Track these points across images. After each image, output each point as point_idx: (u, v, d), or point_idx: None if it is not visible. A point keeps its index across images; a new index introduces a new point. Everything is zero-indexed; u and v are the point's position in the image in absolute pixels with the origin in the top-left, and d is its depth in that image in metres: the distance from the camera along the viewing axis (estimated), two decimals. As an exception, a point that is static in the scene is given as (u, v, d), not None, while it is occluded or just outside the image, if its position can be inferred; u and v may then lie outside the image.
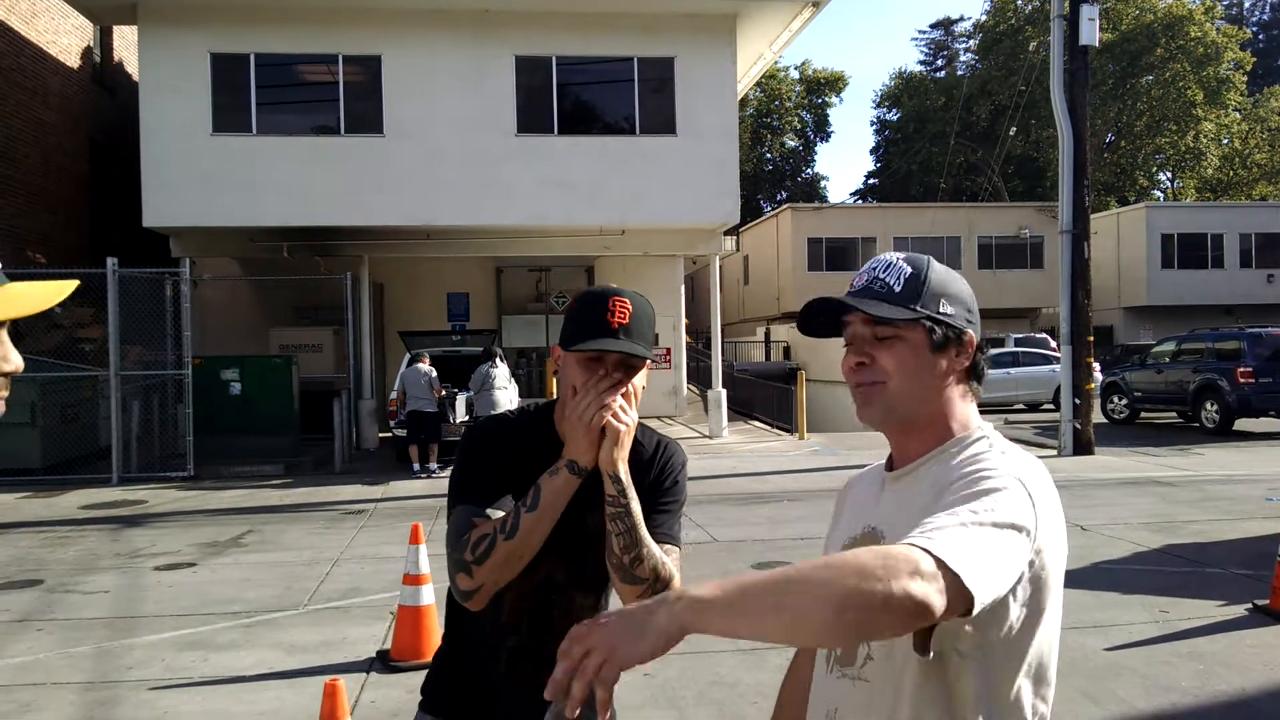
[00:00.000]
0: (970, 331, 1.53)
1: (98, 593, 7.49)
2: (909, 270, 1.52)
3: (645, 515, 1.84)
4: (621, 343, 1.78)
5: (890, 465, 1.61)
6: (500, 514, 1.81)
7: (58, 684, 5.40)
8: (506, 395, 13.63)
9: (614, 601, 2.04)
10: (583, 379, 1.80)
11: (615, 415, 1.78)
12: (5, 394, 1.23)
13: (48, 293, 1.20)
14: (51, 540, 9.61)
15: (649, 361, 1.85)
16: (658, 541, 1.86)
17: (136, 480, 13.52)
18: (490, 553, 1.74)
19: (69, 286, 1.22)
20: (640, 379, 1.85)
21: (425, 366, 13.81)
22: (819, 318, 1.59)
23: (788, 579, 1.19)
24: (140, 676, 5.50)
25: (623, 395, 1.80)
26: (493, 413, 13.32)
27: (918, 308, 1.49)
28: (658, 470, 1.97)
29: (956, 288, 1.54)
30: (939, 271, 1.54)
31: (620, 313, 1.80)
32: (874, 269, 1.55)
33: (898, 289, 1.50)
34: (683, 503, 2.01)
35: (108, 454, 13.59)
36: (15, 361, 1.22)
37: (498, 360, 13.70)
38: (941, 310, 1.50)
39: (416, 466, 13.71)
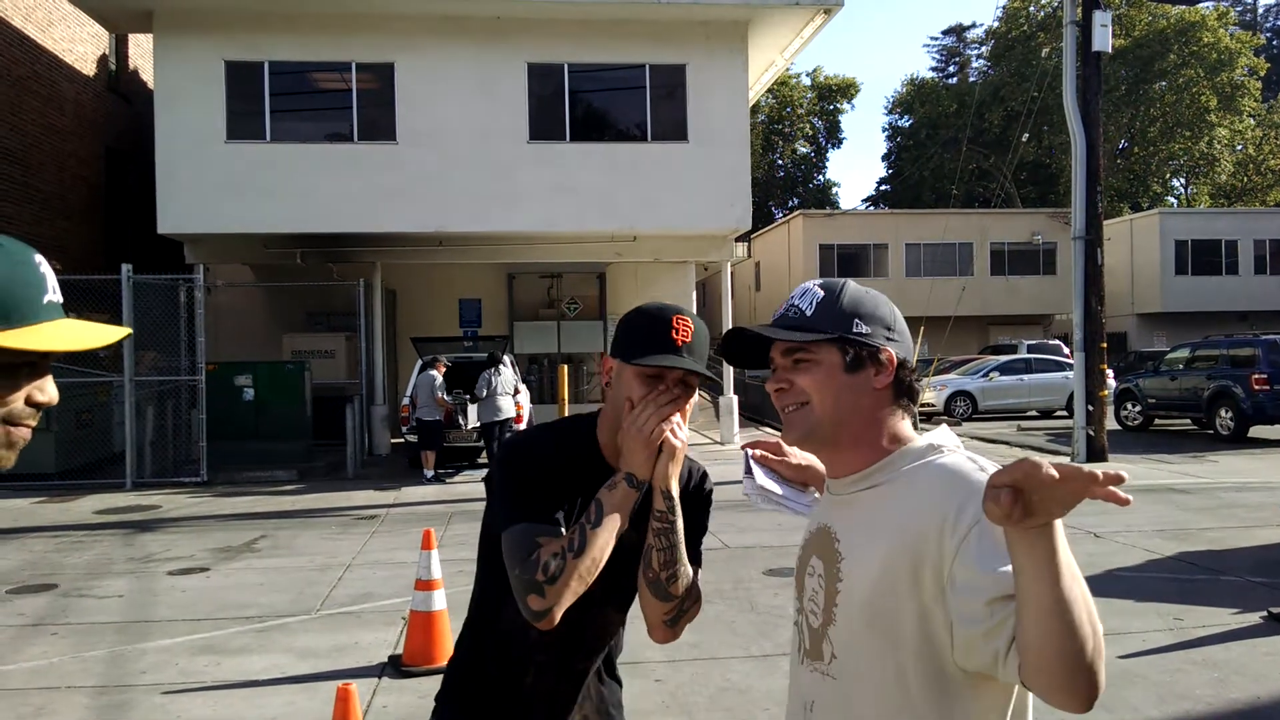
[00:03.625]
0: (889, 349, 1.55)
1: (111, 597, 7.52)
2: (821, 294, 1.57)
3: None
4: (687, 360, 1.79)
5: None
6: (559, 531, 1.80)
7: (71, 688, 5.43)
8: (511, 401, 13.63)
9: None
10: (641, 393, 1.79)
11: (673, 432, 1.79)
12: (34, 424, 1.24)
13: (98, 333, 1.22)
14: (66, 545, 9.66)
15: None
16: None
17: (150, 485, 13.58)
18: (562, 571, 1.72)
19: (120, 333, 1.23)
20: (692, 399, 1.87)
21: (433, 373, 13.84)
22: (742, 350, 1.65)
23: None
24: (153, 680, 5.52)
25: (679, 413, 1.82)
26: (498, 418, 13.36)
27: (828, 329, 1.53)
28: (691, 496, 1.99)
29: (872, 307, 1.57)
30: (853, 293, 1.58)
31: (684, 331, 1.81)
32: (792, 298, 1.61)
33: (809, 313, 1.55)
34: (707, 528, 2.05)
35: (122, 459, 13.66)
36: (51, 394, 1.23)
37: (502, 366, 13.71)
38: (854, 330, 1.53)
39: (429, 473, 13.73)
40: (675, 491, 1.82)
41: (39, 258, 1.20)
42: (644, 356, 1.78)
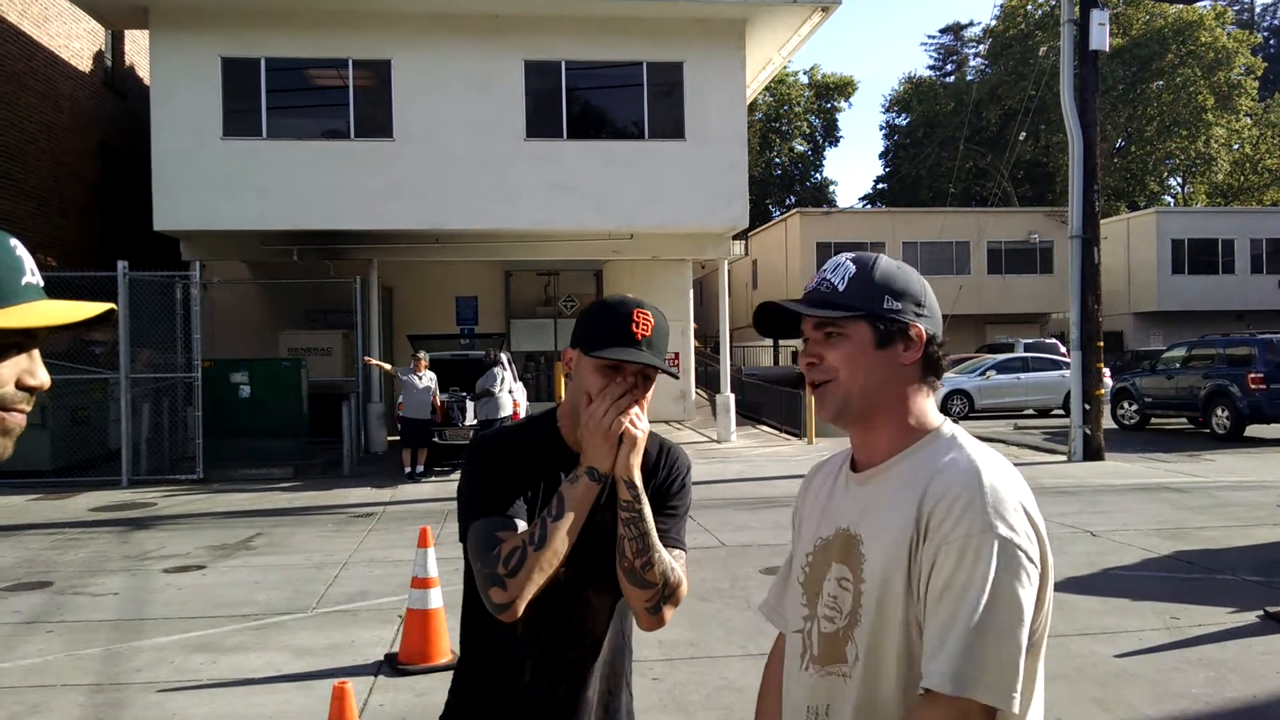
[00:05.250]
0: (919, 325, 1.55)
1: (107, 595, 7.51)
2: (853, 269, 1.57)
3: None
4: (644, 354, 1.81)
5: (854, 464, 1.64)
6: (523, 525, 1.82)
7: (66, 685, 5.41)
8: (510, 399, 13.71)
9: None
10: (599, 386, 1.81)
11: (633, 422, 1.80)
12: (28, 409, 1.22)
13: (80, 309, 1.20)
14: (61, 542, 9.64)
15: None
16: (664, 545, 1.87)
17: (146, 483, 13.56)
18: (523, 564, 1.75)
19: (101, 308, 1.22)
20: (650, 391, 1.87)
21: (409, 369, 13.95)
22: (775, 321, 1.66)
23: None
24: (149, 678, 5.51)
25: (636, 402, 1.82)
26: (499, 415, 13.43)
27: (859, 304, 1.53)
28: (664, 475, 1.99)
29: (904, 283, 1.57)
30: (885, 268, 1.57)
31: (643, 325, 1.82)
32: (824, 270, 1.61)
33: (841, 288, 1.55)
34: (688, 507, 2.03)
35: (117, 456, 13.64)
36: (42, 378, 1.21)
37: (503, 364, 13.77)
38: (886, 306, 1.54)
39: (407, 470, 13.77)
40: (638, 480, 1.82)
41: (14, 241, 1.19)
42: (602, 349, 1.80)
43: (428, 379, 13.87)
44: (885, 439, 1.56)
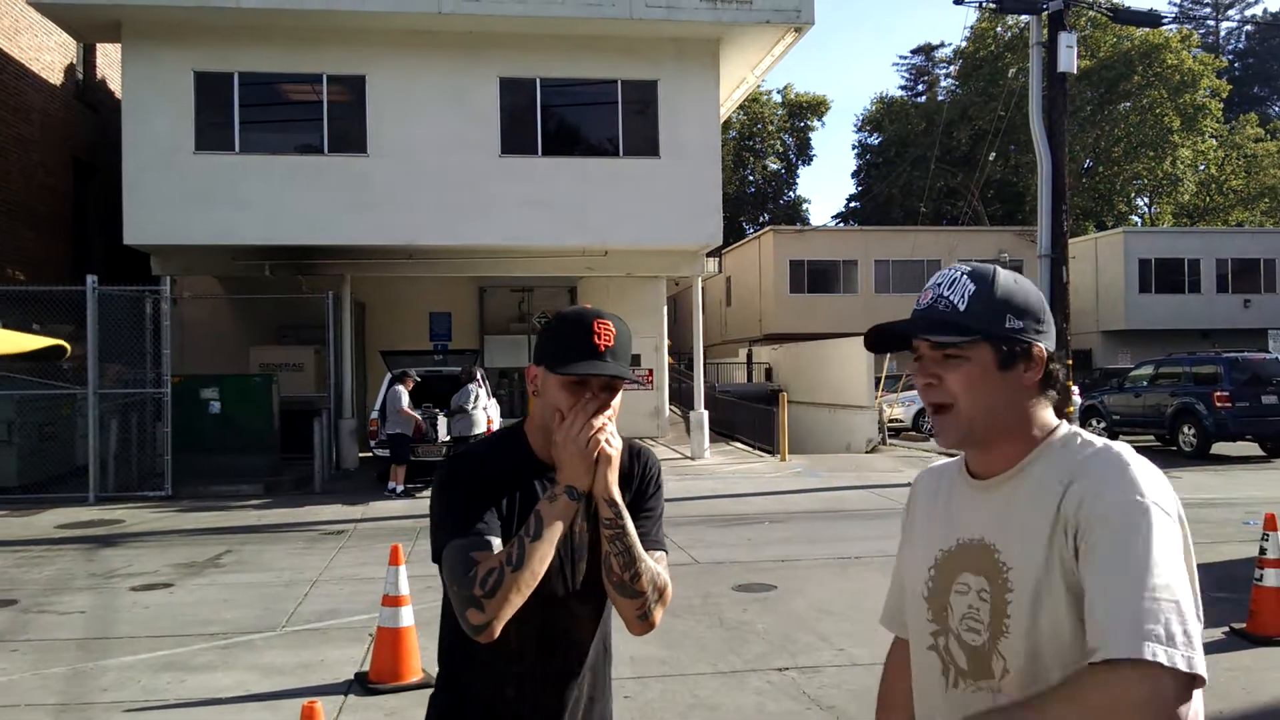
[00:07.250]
0: (1040, 344, 1.50)
1: (73, 613, 7.41)
2: (973, 287, 1.50)
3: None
4: (610, 365, 1.81)
5: (971, 471, 1.58)
6: (497, 542, 1.80)
7: (31, 705, 5.34)
8: (484, 416, 13.69)
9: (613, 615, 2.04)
10: (568, 402, 1.81)
11: (608, 441, 1.80)
12: None
13: (24, 341, 1.19)
14: (26, 560, 9.50)
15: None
16: (646, 549, 1.88)
17: (114, 499, 13.39)
18: (500, 585, 1.73)
19: (47, 342, 1.20)
20: (617, 398, 1.87)
21: (399, 388, 13.88)
22: (885, 338, 1.58)
23: None
24: (115, 698, 5.44)
25: (606, 417, 1.82)
26: (472, 431, 13.42)
27: (983, 326, 1.47)
28: (638, 480, 2.00)
29: (1024, 299, 1.50)
30: (1005, 283, 1.50)
31: (605, 335, 1.82)
32: (938, 285, 1.53)
33: (962, 307, 1.48)
34: (663, 507, 2.04)
35: (85, 473, 13.47)
36: None
37: (479, 380, 13.76)
38: (1009, 326, 1.47)
39: (391, 486, 13.71)
40: (619, 497, 1.82)
41: None
42: (567, 365, 1.80)
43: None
44: (1008, 453, 1.51)
